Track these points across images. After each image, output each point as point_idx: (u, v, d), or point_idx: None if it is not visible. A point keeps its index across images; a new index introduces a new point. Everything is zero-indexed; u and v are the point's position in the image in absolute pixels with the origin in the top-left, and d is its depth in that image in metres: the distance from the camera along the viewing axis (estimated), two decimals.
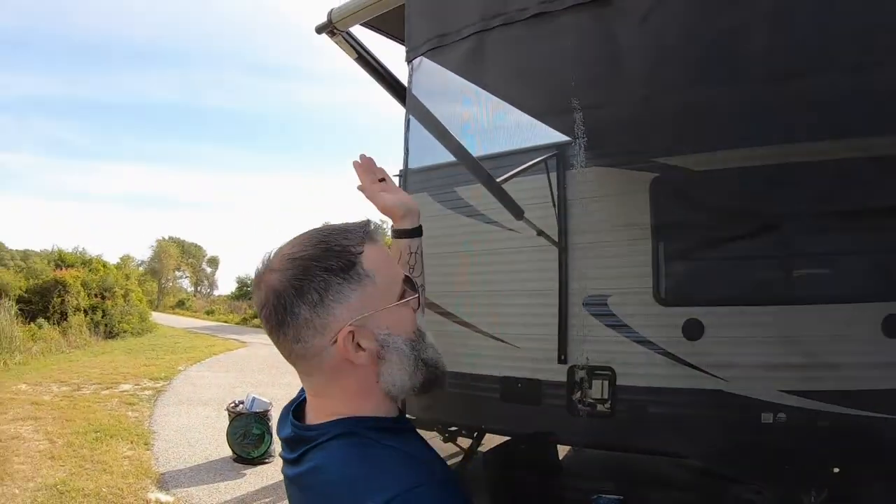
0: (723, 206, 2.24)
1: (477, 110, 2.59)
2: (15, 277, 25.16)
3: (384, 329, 1.21)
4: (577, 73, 2.17)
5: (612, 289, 2.52)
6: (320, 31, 2.98)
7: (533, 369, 2.63)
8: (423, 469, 1.17)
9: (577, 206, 2.66)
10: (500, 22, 2.25)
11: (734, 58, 1.97)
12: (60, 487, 7.24)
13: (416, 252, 1.75)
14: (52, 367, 17.17)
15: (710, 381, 2.13)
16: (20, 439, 9.34)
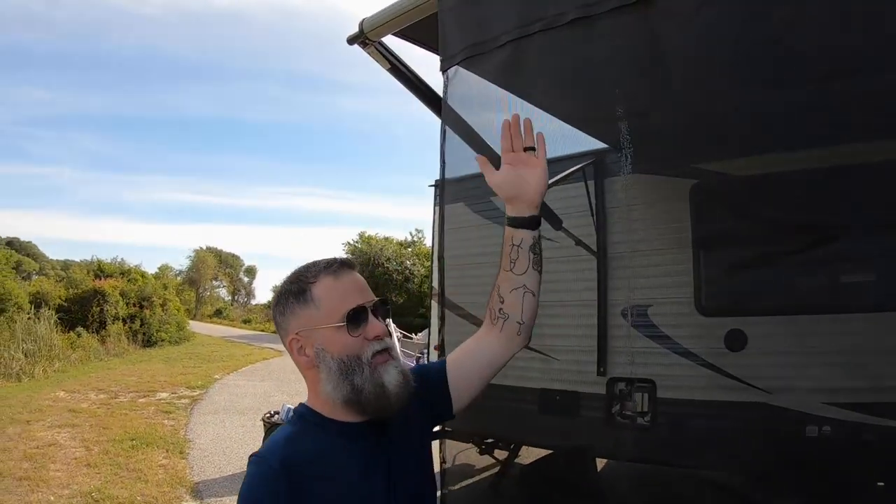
0: (766, 212, 2.19)
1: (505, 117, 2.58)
2: (55, 287, 25.76)
3: (320, 345, 1.52)
4: (619, 79, 2.13)
5: (653, 299, 2.50)
6: (352, 41, 2.97)
7: (571, 381, 2.61)
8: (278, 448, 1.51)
9: (616, 214, 2.64)
10: (538, 28, 2.22)
11: (781, 58, 1.92)
12: (95, 495, 7.32)
13: (520, 246, 1.68)
14: (90, 375, 17.49)
15: (753, 394, 2.10)
16: (57, 446, 9.50)
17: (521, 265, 1.68)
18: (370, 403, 1.50)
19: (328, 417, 1.55)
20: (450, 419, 1.73)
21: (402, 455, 1.58)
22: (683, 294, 2.38)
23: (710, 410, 2.25)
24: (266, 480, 1.45)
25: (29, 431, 10.25)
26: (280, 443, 1.53)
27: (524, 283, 1.68)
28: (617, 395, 2.39)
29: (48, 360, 17.53)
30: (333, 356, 1.50)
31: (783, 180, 2.18)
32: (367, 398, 1.49)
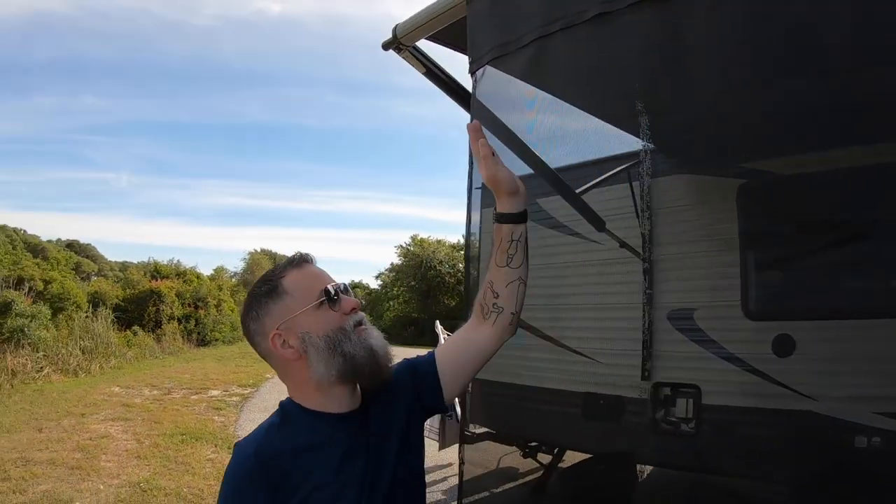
0: (815, 213, 2.12)
1: (546, 119, 2.55)
2: (112, 287, 26.52)
3: (303, 330, 1.60)
4: (650, 74, 2.09)
5: (699, 302, 2.44)
6: (387, 47, 3.00)
7: (615, 385, 2.57)
8: (258, 438, 1.61)
9: (661, 215, 2.60)
10: (559, 26, 2.19)
11: (827, 48, 1.81)
12: (143, 485, 7.53)
13: (519, 240, 1.74)
14: (144, 372, 17.95)
15: (800, 402, 2.02)
16: (110, 438, 9.80)
17: (518, 259, 1.73)
18: (365, 368, 1.60)
19: (311, 409, 1.65)
20: (442, 411, 1.84)
21: (385, 445, 1.66)
22: (730, 297, 2.32)
23: (755, 418, 2.18)
24: (243, 469, 1.56)
25: (83, 424, 10.61)
26: (261, 433, 1.65)
27: (520, 276, 1.74)
28: (661, 400, 2.36)
29: (104, 357, 18.07)
30: (319, 335, 1.60)
31: (834, 179, 2.10)
32: (361, 363, 1.59)
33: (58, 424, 10.53)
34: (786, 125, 2.04)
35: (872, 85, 1.75)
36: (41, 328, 15.89)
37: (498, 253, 1.74)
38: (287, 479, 1.54)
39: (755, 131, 2.11)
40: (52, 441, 9.40)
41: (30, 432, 9.85)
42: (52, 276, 22.86)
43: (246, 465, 1.55)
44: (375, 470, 1.61)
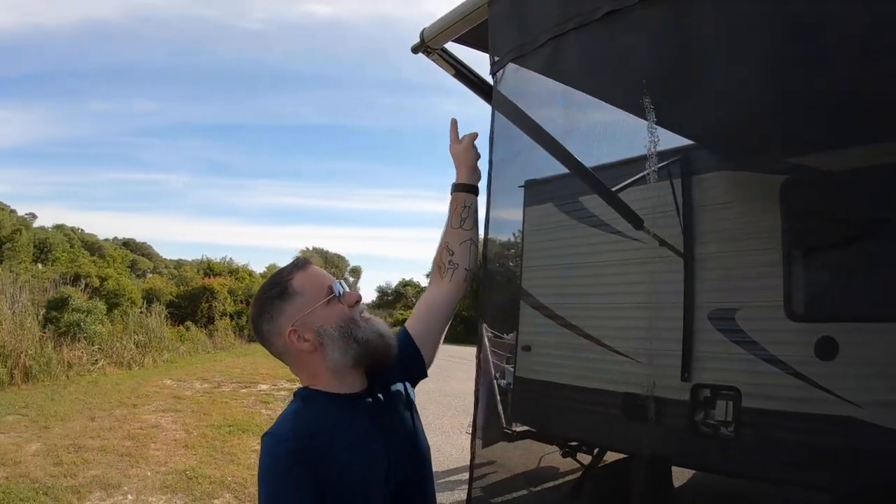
0: (861, 210, 2.04)
1: (576, 117, 2.52)
2: (167, 284, 27.22)
3: (318, 323, 1.74)
4: (686, 69, 2.03)
5: (740, 302, 2.38)
6: (416, 50, 3.02)
7: (654, 386, 2.52)
8: (288, 423, 1.70)
9: (702, 213, 2.54)
10: (573, 25, 2.18)
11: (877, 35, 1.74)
12: (189, 473, 7.78)
13: (470, 207, 2.14)
14: (196, 366, 18.41)
15: (843, 407, 1.95)
16: (159, 428, 10.12)
17: (469, 223, 2.12)
18: (378, 350, 1.77)
19: (327, 392, 1.77)
20: (424, 375, 2.00)
21: (394, 417, 1.83)
22: (772, 298, 2.25)
23: (796, 423, 2.11)
24: (284, 454, 1.64)
25: (135, 414, 10.99)
26: (289, 418, 1.74)
27: (471, 237, 2.12)
28: (701, 402, 2.31)
29: (158, 350, 18.60)
30: (333, 327, 1.74)
31: (879, 175, 2.01)
32: (375, 346, 1.76)
33: (110, 414, 10.90)
34: (830, 118, 1.97)
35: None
36: (97, 323, 16.38)
37: (453, 217, 2.12)
38: (325, 456, 1.64)
39: (798, 125, 2.04)
40: (104, 430, 9.74)
41: (83, 421, 10.23)
42: (107, 273, 23.55)
43: (286, 450, 1.63)
44: (395, 438, 1.77)
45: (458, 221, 2.11)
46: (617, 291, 2.86)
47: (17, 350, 13.11)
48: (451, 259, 2.08)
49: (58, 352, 14.43)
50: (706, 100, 2.11)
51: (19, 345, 13.23)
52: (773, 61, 1.89)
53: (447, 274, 2.07)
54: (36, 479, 7.33)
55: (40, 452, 8.40)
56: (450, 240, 2.10)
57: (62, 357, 14.43)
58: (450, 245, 2.09)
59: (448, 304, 2.05)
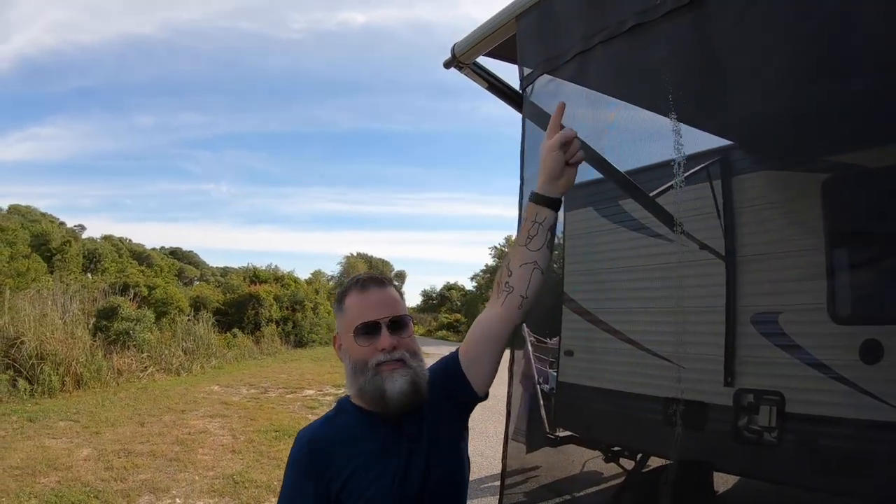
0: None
1: (598, 125, 2.52)
2: (213, 292, 27.71)
3: (345, 346, 1.84)
4: (724, 70, 2.03)
5: (784, 305, 2.34)
6: (448, 66, 3.08)
7: (697, 391, 2.49)
8: (317, 426, 1.86)
9: (744, 215, 2.51)
10: (601, 38, 2.23)
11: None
12: (236, 478, 7.97)
13: (542, 223, 1.83)
14: (243, 372, 18.71)
15: (888, 413, 1.90)
16: (207, 433, 10.34)
17: (537, 242, 1.82)
18: (370, 403, 1.78)
19: (357, 405, 1.84)
20: (481, 400, 1.88)
21: (426, 444, 1.79)
22: (816, 300, 2.20)
23: (841, 429, 2.06)
24: (299, 454, 1.79)
25: (183, 420, 11.24)
26: (319, 423, 1.88)
27: (535, 260, 1.83)
28: (744, 407, 2.28)
29: (206, 357, 18.98)
30: (350, 358, 1.82)
31: None
32: (368, 398, 1.78)
33: (159, 420, 11.16)
34: (872, 114, 1.92)
35: None
36: (145, 331, 16.78)
37: (521, 233, 1.86)
38: (331, 463, 1.73)
39: (839, 122, 2.01)
40: (153, 435, 9.99)
41: (133, 426, 10.50)
42: (155, 283, 24.06)
43: (301, 450, 1.79)
44: (408, 465, 1.75)
45: (524, 238, 1.86)
46: (658, 296, 2.84)
47: (69, 358, 13.47)
48: (508, 281, 1.86)
49: (108, 359, 14.81)
50: (740, 101, 2.09)
51: (70, 353, 13.59)
52: (806, 62, 1.87)
53: (502, 296, 1.86)
54: (87, 483, 7.57)
55: (91, 457, 8.66)
56: (513, 258, 1.87)
57: (112, 364, 14.81)
58: (511, 264, 1.86)
59: (498, 329, 1.86)
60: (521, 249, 1.84)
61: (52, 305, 14.92)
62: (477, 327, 1.89)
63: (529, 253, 1.82)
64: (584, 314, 3.29)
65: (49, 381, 12.76)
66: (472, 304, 47.10)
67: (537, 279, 1.83)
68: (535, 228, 1.83)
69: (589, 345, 3.34)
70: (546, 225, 1.82)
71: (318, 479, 1.73)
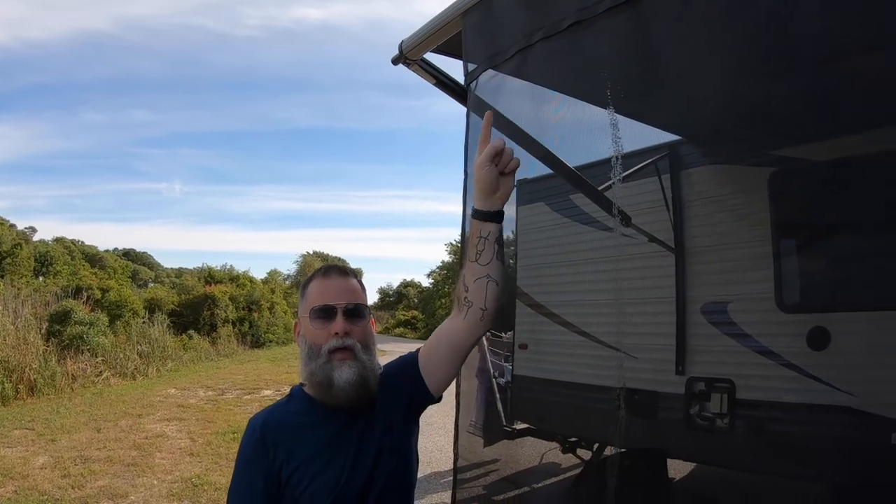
0: (850, 200, 2.01)
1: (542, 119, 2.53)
2: (168, 293, 27.18)
3: (302, 330, 1.88)
4: (669, 67, 2.04)
5: (732, 295, 2.37)
6: (395, 62, 3.10)
7: (650, 381, 2.52)
8: (267, 411, 1.88)
9: (692, 208, 2.53)
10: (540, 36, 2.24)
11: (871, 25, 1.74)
12: (195, 481, 7.84)
13: (487, 238, 1.81)
14: (200, 374, 18.40)
15: (836, 397, 1.93)
16: (165, 437, 10.14)
17: (487, 256, 1.82)
18: (318, 389, 1.79)
19: (309, 395, 1.85)
20: (435, 402, 1.91)
21: (378, 439, 1.80)
22: (764, 290, 2.23)
23: (790, 414, 2.09)
24: (250, 438, 1.80)
25: (140, 424, 11.01)
26: (268, 409, 1.90)
27: (488, 273, 1.82)
28: (696, 395, 2.30)
29: (161, 360, 18.59)
30: (306, 341, 1.83)
31: (868, 163, 1.99)
32: (316, 383, 1.78)
33: (115, 425, 10.90)
34: (816, 109, 1.95)
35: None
36: (100, 334, 16.35)
37: (469, 248, 1.85)
38: (282, 449, 1.74)
39: (783, 117, 2.03)
40: (110, 440, 9.76)
41: (89, 432, 10.24)
42: (109, 285, 23.50)
43: (253, 435, 1.79)
44: (356, 461, 1.76)
45: (473, 254, 1.86)
46: (610, 288, 2.84)
47: (22, 364, 13.07)
48: (466, 296, 1.85)
49: (62, 365, 14.40)
50: (688, 97, 2.11)
51: (23, 359, 13.18)
52: (747, 58, 1.89)
53: (463, 310, 1.86)
54: (44, 491, 7.34)
55: (48, 465, 8.41)
56: (467, 273, 1.86)
57: (66, 370, 14.40)
58: (465, 280, 1.86)
59: (460, 340, 1.87)
60: (472, 265, 1.84)
61: (2, 310, 14.44)
62: (441, 333, 1.89)
63: (481, 268, 1.82)
64: (537, 308, 3.29)
65: (2, 388, 12.34)
66: (429, 301, 47.16)
67: (493, 290, 1.83)
68: (482, 243, 1.83)
69: (543, 338, 3.34)
70: (492, 238, 1.82)
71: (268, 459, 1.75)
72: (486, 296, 1.82)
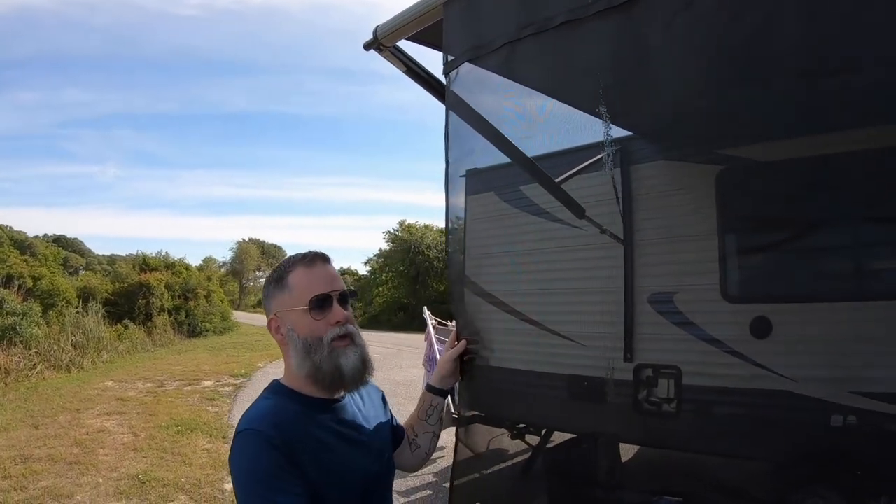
0: (792, 198, 2.15)
1: (523, 110, 2.60)
2: (102, 281, 26.42)
3: (289, 325, 1.84)
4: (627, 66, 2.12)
5: (679, 286, 2.46)
6: (368, 47, 3.11)
7: (599, 368, 2.60)
8: (267, 417, 1.74)
9: (641, 202, 2.61)
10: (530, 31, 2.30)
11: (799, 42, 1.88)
12: (142, 477, 7.70)
13: (437, 407, 2.44)
14: (137, 365, 18.00)
15: (778, 382, 2.05)
16: (106, 433, 9.91)
17: (434, 419, 2.41)
18: (327, 380, 1.83)
19: (297, 391, 1.86)
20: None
21: (365, 428, 1.96)
22: (709, 281, 2.33)
23: (734, 398, 2.21)
24: (265, 447, 1.67)
25: (79, 419, 10.73)
26: (269, 411, 1.78)
27: (433, 431, 2.43)
28: (643, 381, 2.38)
29: (97, 351, 18.12)
30: (300, 336, 1.83)
31: (810, 165, 2.13)
32: (324, 375, 1.82)
33: (54, 421, 10.59)
34: (762, 113, 2.07)
35: (844, 76, 1.80)
36: (32, 325, 15.83)
37: (420, 411, 2.44)
38: (297, 450, 1.70)
39: (731, 118, 2.15)
40: (50, 437, 9.48)
41: (27, 430, 9.93)
42: (41, 273, 22.73)
43: (266, 442, 1.67)
44: (363, 440, 1.91)
45: (424, 416, 2.42)
46: (561, 278, 2.92)
47: None
48: (416, 440, 2.39)
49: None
50: (645, 96, 2.20)
51: None
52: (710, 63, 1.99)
53: (413, 445, 2.39)
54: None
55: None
56: (416, 426, 2.41)
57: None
58: (416, 429, 2.40)
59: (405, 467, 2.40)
60: (422, 423, 2.41)
61: None
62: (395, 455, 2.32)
63: (429, 426, 2.41)
64: (485, 296, 3.33)
65: None
66: (366, 289, 46.92)
67: (434, 441, 2.45)
68: (431, 410, 2.43)
69: (491, 326, 3.40)
70: (439, 408, 2.44)
71: (298, 471, 1.69)
72: (431, 446, 2.42)
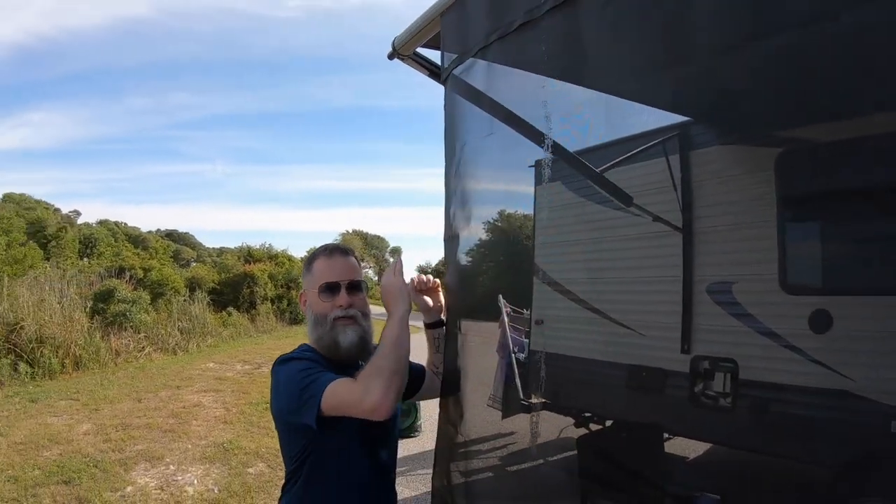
0: (857, 182, 1.93)
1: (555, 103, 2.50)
2: (209, 272, 27.55)
3: (309, 301, 2.22)
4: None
5: (738, 275, 2.29)
6: (391, 57, 3.29)
7: (657, 358, 2.47)
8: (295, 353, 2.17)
9: (699, 189, 2.46)
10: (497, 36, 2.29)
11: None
12: (227, 445, 8.19)
13: (439, 337, 2.78)
14: (238, 349, 18.72)
15: (836, 380, 1.86)
16: (201, 407, 10.46)
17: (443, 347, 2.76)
18: (325, 350, 2.17)
19: (317, 351, 2.21)
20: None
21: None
22: (768, 271, 2.15)
23: (790, 395, 2.03)
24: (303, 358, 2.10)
25: (178, 395, 11.38)
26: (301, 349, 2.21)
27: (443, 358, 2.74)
28: (700, 373, 2.24)
29: (201, 336, 18.97)
30: (313, 312, 2.20)
31: (877, 146, 1.90)
32: (324, 346, 2.17)
33: (155, 396, 11.23)
34: (823, 90, 1.85)
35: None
36: (142, 312, 16.67)
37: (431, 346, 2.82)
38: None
39: (791, 97, 1.93)
40: (150, 409, 10.09)
41: (130, 403, 10.59)
42: (151, 265, 23.91)
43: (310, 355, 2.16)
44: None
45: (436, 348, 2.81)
46: (621, 266, 2.81)
47: (68, 341, 13.41)
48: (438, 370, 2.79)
49: (105, 341, 14.75)
50: (689, 78, 2.05)
51: (69, 336, 13.53)
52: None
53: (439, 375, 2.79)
54: (87, 454, 7.69)
55: (91, 431, 8.71)
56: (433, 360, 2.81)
57: (110, 345, 14.75)
58: (435, 362, 2.80)
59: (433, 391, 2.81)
60: (437, 355, 2.78)
61: (49, 291, 14.80)
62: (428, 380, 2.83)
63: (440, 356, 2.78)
64: (552, 284, 3.25)
65: (49, 363, 12.70)
66: (467, 280, 47.37)
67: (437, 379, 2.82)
68: (438, 341, 2.78)
69: (557, 314, 3.32)
70: (441, 335, 2.80)
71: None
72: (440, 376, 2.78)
